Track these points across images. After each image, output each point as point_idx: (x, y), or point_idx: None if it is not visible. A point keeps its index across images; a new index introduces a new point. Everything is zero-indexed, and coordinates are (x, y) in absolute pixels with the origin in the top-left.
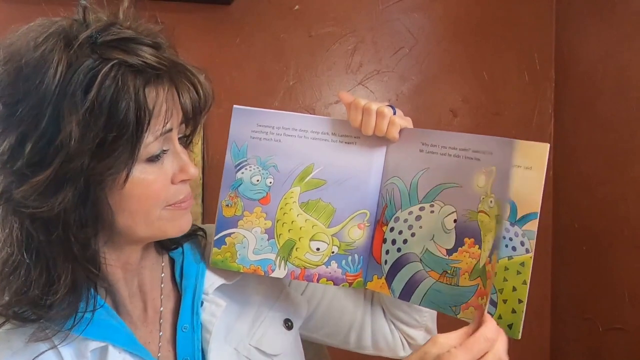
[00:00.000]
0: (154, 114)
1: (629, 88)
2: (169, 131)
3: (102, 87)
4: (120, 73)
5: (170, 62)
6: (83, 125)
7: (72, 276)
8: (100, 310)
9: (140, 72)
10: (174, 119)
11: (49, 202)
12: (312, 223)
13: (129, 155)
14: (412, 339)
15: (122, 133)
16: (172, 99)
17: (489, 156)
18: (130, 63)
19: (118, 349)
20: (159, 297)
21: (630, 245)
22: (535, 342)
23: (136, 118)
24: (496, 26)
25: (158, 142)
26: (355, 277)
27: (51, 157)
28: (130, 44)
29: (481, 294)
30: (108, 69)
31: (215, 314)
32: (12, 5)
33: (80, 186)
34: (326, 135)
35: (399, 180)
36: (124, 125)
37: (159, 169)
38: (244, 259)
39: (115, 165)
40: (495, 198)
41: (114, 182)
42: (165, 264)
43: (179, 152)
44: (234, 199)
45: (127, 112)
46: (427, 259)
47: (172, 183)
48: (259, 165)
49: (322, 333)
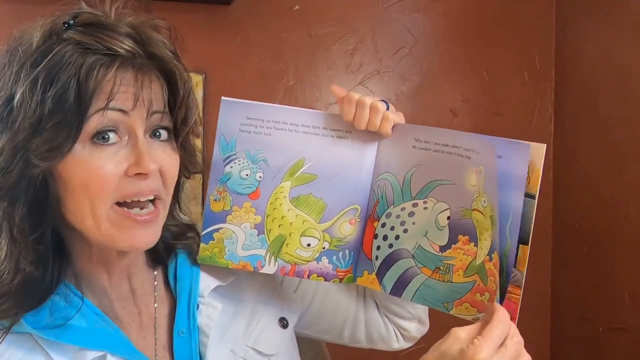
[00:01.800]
0: (95, 92)
1: (629, 88)
2: (118, 110)
3: (49, 61)
4: (72, 52)
5: (146, 53)
6: (28, 95)
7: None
8: (94, 317)
9: (94, 53)
10: (127, 102)
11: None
12: (302, 218)
13: (68, 130)
14: (405, 330)
15: (61, 106)
16: (132, 84)
17: (477, 155)
18: (85, 44)
19: (116, 357)
20: (153, 303)
21: (631, 245)
22: (535, 342)
23: (76, 93)
24: (496, 26)
25: (98, 118)
26: (346, 273)
27: (1, 129)
28: (101, 29)
29: (480, 290)
30: (61, 47)
31: (212, 316)
32: (12, 5)
33: (26, 161)
34: (317, 130)
35: (392, 176)
36: (62, 98)
37: (112, 155)
38: (232, 255)
39: (56, 141)
40: (487, 198)
41: (56, 159)
42: (157, 272)
43: (140, 142)
44: (223, 194)
45: (66, 86)
46: (420, 255)
47: (126, 175)
48: (248, 159)
49: (316, 329)
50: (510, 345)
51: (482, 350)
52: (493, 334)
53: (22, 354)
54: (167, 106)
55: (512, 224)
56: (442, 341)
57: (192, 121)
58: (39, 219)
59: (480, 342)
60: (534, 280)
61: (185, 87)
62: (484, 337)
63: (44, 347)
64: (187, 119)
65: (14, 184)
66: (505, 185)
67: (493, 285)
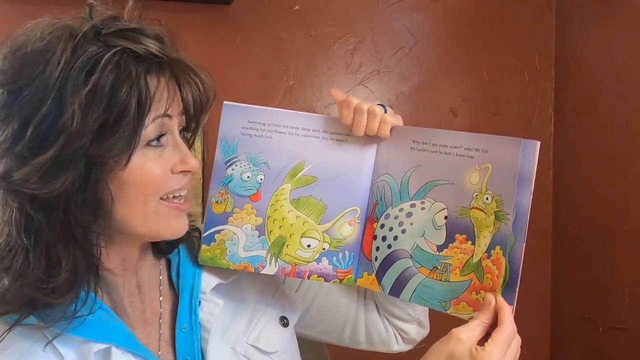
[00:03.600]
0: (154, 99)
1: (629, 88)
2: (167, 116)
3: (104, 71)
4: (123, 59)
5: (172, 56)
6: (85, 107)
7: (73, 259)
8: (100, 312)
9: (143, 60)
10: (174, 108)
11: (49, 184)
12: (303, 220)
13: (129, 138)
14: (405, 333)
15: (123, 116)
16: (172, 89)
17: (484, 154)
18: (133, 50)
19: (121, 350)
20: (158, 299)
21: (630, 245)
22: (535, 342)
23: (137, 102)
24: (496, 26)
25: (155, 125)
26: (346, 274)
27: (53, 139)
28: (134, 33)
29: (476, 289)
30: (111, 55)
31: (214, 312)
32: (12, 5)
33: (81, 169)
34: (317, 133)
35: (390, 177)
36: (125, 109)
37: (160, 156)
38: (234, 256)
39: (116, 148)
40: (493, 194)
41: (115, 165)
42: (162, 266)
43: (179, 143)
44: (224, 196)
45: (128, 96)
46: (418, 255)
47: (171, 172)
48: (249, 161)
49: (317, 330)
50: (514, 345)
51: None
52: (505, 338)
53: (30, 345)
54: None
55: (518, 220)
56: (442, 343)
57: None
58: (93, 218)
59: (492, 347)
60: (534, 280)
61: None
62: (495, 343)
63: (50, 339)
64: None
65: (70, 193)
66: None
67: (490, 283)
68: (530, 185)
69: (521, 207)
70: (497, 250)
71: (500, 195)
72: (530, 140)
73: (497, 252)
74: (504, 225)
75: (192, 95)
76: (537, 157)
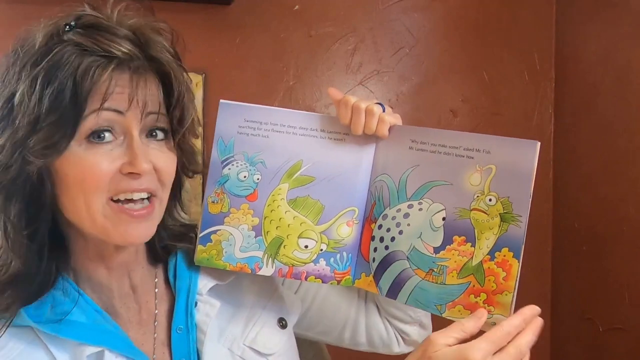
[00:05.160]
0: (91, 93)
1: (629, 88)
2: (113, 111)
3: (49, 61)
4: (70, 52)
5: (144, 55)
6: (27, 93)
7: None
8: (94, 314)
9: (91, 55)
10: (122, 103)
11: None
12: (300, 220)
13: (64, 129)
14: (406, 334)
15: (58, 106)
16: (127, 85)
17: (486, 155)
18: (84, 46)
19: (114, 354)
20: (153, 300)
21: (630, 245)
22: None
23: (71, 94)
24: (496, 26)
25: (95, 118)
26: (344, 275)
27: (5, 123)
28: (100, 31)
29: (474, 292)
30: (61, 47)
31: (210, 314)
32: (12, 5)
33: (24, 158)
34: (315, 132)
35: (388, 177)
36: (59, 99)
37: (106, 153)
38: (230, 257)
39: (52, 138)
40: (498, 196)
41: (52, 156)
42: (158, 267)
43: (135, 143)
44: (220, 196)
45: (63, 86)
46: (414, 257)
47: (120, 172)
48: (246, 161)
49: (316, 331)
50: (511, 352)
51: (474, 350)
52: (492, 337)
53: (23, 347)
54: (163, 107)
55: None
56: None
57: (188, 122)
58: (34, 216)
59: (477, 341)
60: (534, 280)
61: (180, 88)
62: (482, 337)
63: (43, 341)
64: (183, 120)
65: (12, 180)
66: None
67: (493, 286)
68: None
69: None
70: (503, 252)
71: (508, 197)
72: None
73: (503, 254)
74: (515, 227)
75: (158, 93)
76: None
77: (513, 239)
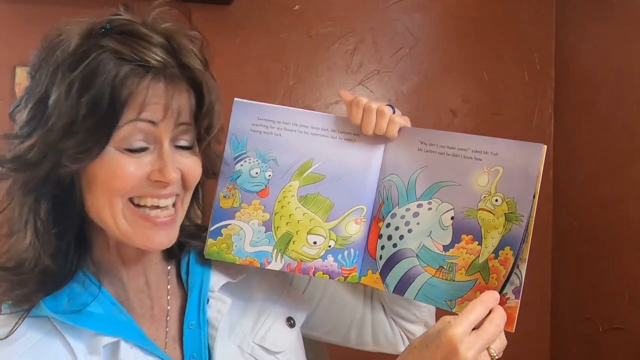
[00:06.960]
0: (128, 102)
1: (629, 88)
2: (147, 122)
3: (86, 67)
4: (107, 59)
5: (177, 63)
6: (64, 97)
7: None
8: (111, 306)
9: (128, 63)
10: (157, 114)
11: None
12: (309, 217)
13: (99, 136)
14: (411, 334)
15: (94, 113)
16: (162, 96)
17: (494, 157)
18: (121, 53)
19: (129, 344)
20: (166, 296)
21: (631, 246)
22: (535, 342)
23: (109, 102)
24: (496, 26)
25: (130, 128)
26: (351, 272)
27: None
28: (134, 38)
29: (480, 289)
30: (98, 54)
31: (222, 311)
32: (12, 5)
33: (56, 161)
34: (326, 132)
35: (397, 177)
36: (96, 106)
37: (137, 159)
38: (240, 251)
39: (86, 144)
40: (504, 197)
41: (85, 161)
42: (171, 264)
43: (165, 152)
44: (232, 191)
45: (101, 94)
46: (424, 254)
47: (148, 178)
48: (258, 158)
49: (323, 330)
50: (486, 327)
51: (456, 327)
52: (470, 314)
53: (40, 336)
54: (193, 116)
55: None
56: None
57: (215, 131)
58: (63, 215)
59: (457, 319)
60: (534, 280)
61: (211, 98)
62: (460, 315)
63: (60, 331)
64: (211, 128)
65: (42, 180)
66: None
67: (495, 283)
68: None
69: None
70: (506, 250)
71: (513, 197)
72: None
73: (506, 252)
74: (516, 226)
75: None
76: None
77: (514, 238)
